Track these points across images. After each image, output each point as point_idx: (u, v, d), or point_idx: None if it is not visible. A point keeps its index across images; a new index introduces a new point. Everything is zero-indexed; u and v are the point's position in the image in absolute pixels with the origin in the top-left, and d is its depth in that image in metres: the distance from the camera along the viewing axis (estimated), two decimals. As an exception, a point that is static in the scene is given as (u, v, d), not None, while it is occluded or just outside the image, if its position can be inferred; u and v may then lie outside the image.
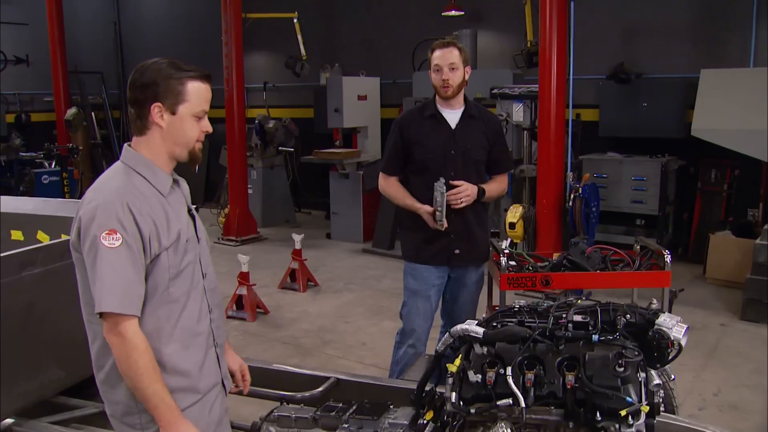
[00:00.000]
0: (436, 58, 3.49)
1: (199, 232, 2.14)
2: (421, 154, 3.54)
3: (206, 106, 2.03)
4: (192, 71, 1.99)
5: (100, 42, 13.05)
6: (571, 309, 2.59)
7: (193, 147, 2.03)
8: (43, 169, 9.67)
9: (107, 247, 1.83)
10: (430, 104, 3.62)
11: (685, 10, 7.62)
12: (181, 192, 2.12)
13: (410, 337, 3.73)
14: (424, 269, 3.66)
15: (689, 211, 7.65)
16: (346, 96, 8.42)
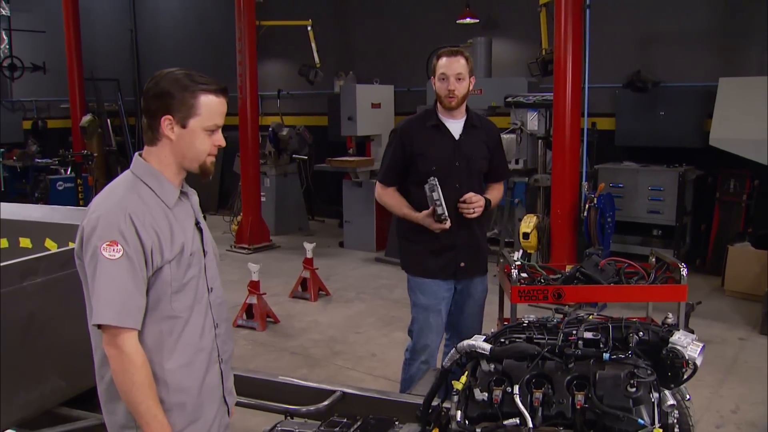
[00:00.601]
0: (443, 67, 3.40)
1: (206, 246, 2.10)
2: (425, 166, 3.43)
3: (219, 120, 1.97)
4: (206, 84, 1.94)
5: (117, 49, 13.14)
6: (581, 325, 2.53)
7: (204, 161, 1.98)
8: (59, 175, 9.73)
9: (107, 259, 1.81)
10: (431, 114, 3.52)
11: (703, 18, 7.52)
12: (189, 204, 2.08)
13: (423, 353, 3.66)
14: (432, 283, 3.56)
15: (707, 222, 7.52)
16: (359, 104, 8.38)
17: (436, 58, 3.45)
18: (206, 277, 2.07)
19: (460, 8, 8.62)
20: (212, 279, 2.10)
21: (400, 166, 3.52)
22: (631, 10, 7.84)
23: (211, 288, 2.09)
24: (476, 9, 8.63)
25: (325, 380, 4.73)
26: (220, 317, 2.14)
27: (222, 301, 2.17)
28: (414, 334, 3.69)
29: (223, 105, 1.98)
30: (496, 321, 4.23)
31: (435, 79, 3.43)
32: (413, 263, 3.61)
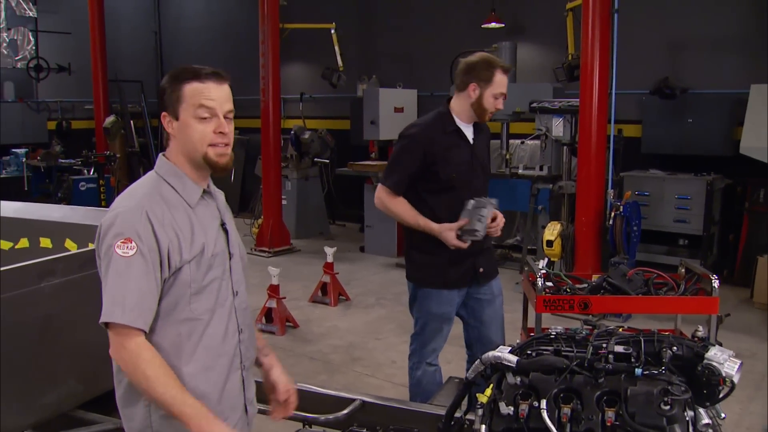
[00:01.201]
0: (500, 84, 3.24)
1: (232, 248, 2.02)
2: (447, 173, 3.28)
3: (207, 103, 1.86)
4: (189, 72, 1.89)
5: (141, 51, 13.22)
6: (611, 338, 2.45)
7: (204, 152, 1.89)
8: (81, 176, 9.78)
9: (120, 256, 1.77)
10: (447, 119, 3.33)
11: (732, 24, 7.38)
12: (215, 204, 2.02)
13: (431, 356, 3.59)
14: (446, 293, 3.43)
15: (735, 232, 7.36)
16: (382, 108, 8.34)
17: (489, 70, 3.23)
18: (231, 279, 2.00)
19: (486, 12, 8.54)
20: (238, 282, 2.03)
21: (415, 174, 3.30)
22: (659, 15, 7.72)
23: (236, 291, 2.02)
24: (502, 13, 8.55)
25: (345, 388, 4.68)
26: (245, 322, 2.06)
27: (247, 305, 2.09)
28: (422, 339, 3.58)
29: (209, 89, 1.87)
30: (519, 330, 4.15)
31: (485, 90, 3.23)
32: (431, 276, 3.42)
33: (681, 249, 7.37)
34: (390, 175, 3.37)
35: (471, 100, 3.25)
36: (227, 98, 1.91)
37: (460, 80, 3.30)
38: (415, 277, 3.50)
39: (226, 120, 1.89)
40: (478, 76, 3.22)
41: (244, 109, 11.29)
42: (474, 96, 3.24)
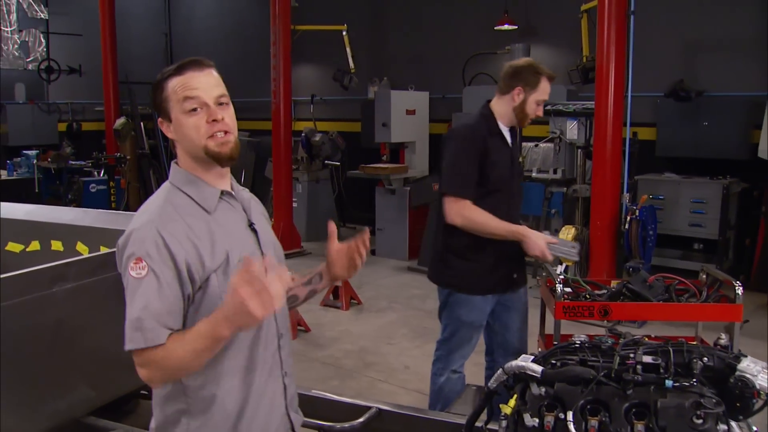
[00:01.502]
0: (544, 91, 3.24)
1: (264, 248, 1.89)
2: (495, 175, 3.25)
3: (191, 93, 1.75)
4: (168, 70, 1.81)
5: (151, 53, 13.18)
6: (639, 348, 2.38)
7: (204, 145, 1.76)
8: (92, 177, 9.76)
9: (134, 278, 1.68)
10: (491, 120, 3.32)
11: (749, 25, 7.28)
12: (239, 204, 1.90)
13: (457, 363, 3.53)
14: (480, 300, 3.39)
15: (752, 236, 7.27)
16: (394, 110, 8.28)
17: (537, 77, 3.23)
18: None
19: (498, 14, 8.48)
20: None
21: (476, 178, 3.23)
22: (674, 16, 7.64)
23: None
24: (514, 15, 8.49)
25: (360, 395, 4.62)
26: (284, 326, 1.93)
27: (286, 308, 1.95)
28: (449, 346, 3.53)
29: (190, 79, 1.77)
30: (537, 337, 4.08)
31: (529, 95, 3.24)
32: (470, 282, 3.37)
33: (696, 253, 7.30)
34: (453, 181, 3.25)
35: (514, 104, 3.26)
36: (215, 84, 1.79)
37: (504, 83, 3.28)
38: (451, 283, 3.42)
39: (219, 107, 1.78)
40: (524, 81, 3.22)
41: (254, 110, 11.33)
42: (518, 100, 3.24)
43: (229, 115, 1.80)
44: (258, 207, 1.99)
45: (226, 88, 1.83)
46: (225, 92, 1.80)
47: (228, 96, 1.81)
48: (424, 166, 8.77)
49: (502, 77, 3.31)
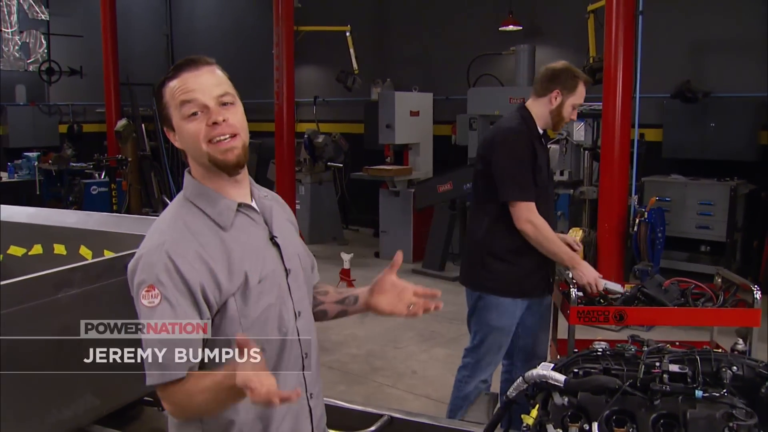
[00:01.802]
0: (581, 95, 3.24)
1: (288, 262, 1.73)
2: (539, 179, 3.23)
3: (187, 96, 1.60)
4: (165, 76, 1.66)
5: (152, 54, 13.12)
6: (664, 356, 2.32)
7: (206, 152, 1.60)
8: (93, 179, 9.69)
9: (146, 308, 1.56)
10: (531, 123, 3.27)
11: (756, 25, 7.19)
12: (261, 216, 1.73)
13: (485, 372, 3.48)
14: (511, 303, 3.34)
15: (759, 238, 7.20)
16: (398, 111, 8.21)
17: (579, 82, 3.23)
18: (292, 299, 1.73)
19: (503, 15, 8.43)
20: (300, 301, 1.76)
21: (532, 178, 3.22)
22: (680, 17, 7.57)
23: (298, 312, 1.75)
24: (519, 16, 8.43)
25: (368, 400, 4.57)
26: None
27: (312, 326, 1.82)
28: (478, 354, 3.48)
29: (185, 81, 1.62)
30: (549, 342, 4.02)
31: (568, 101, 3.22)
32: (508, 285, 3.32)
33: (703, 256, 7.25)
34: (517, 184, 3.18)
35: (551, 107, 3.24)
36: (215, 83, 1.62)
37: (541, 86, 3.26)
38: (484, 286, 3.38)
39: (223, 107, 1.61)
40: (562, 84, 3.20)
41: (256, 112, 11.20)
42: (555, 103, 3.22)
43: (235, 115, 1.63)
44: (283, 213, 1.85)
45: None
46: (229, 90, 1.64)
47: (233, 94, 1.65)
48: (428, 167, 8.70)
49: (539, 79, 3.30)
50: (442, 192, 7.42)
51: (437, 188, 7.48)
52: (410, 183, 8.41)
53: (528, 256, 3.25)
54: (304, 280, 1.80)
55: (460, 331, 6.05)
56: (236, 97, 1.66)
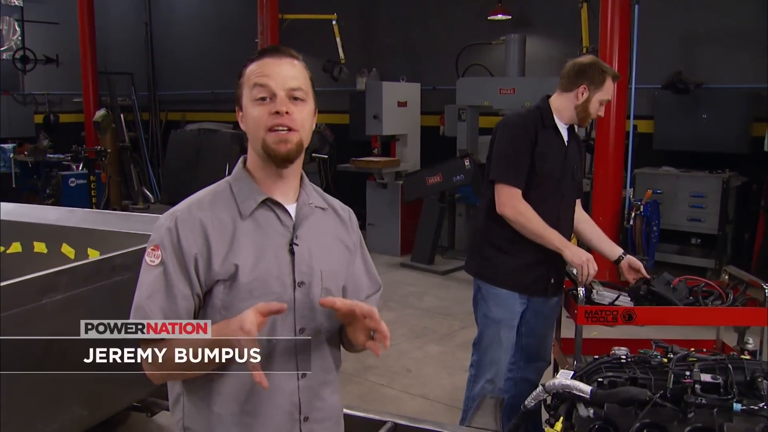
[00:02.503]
0: (609, 91, 3.12)
1: (299, 274, 1.65)
2: (542, 169, 3.13)
3: (261, 80, 1.59)
4: (251, 56, 1.66)
5: (131, 42, 12.83)
6: (694, 364, 2.22)
7: (262, 138, 1.59)
8: (71, 171, 9.44)
9: (147, 264, 1.61)
10: (546, 113, 3.18)
11: (749, 16, 7.15)
12: (291, 220, 1.67)
13: (489, 370, 3.36)
14: (509, 295, 3.25)
15: (751, 231, 7.17)
16: (385, 102, 8.04)
17: (606, 77, 3.11)
18: (294, 314, 1.64)
19: (492, 4, 8.29)
20: (305, 318, 1.66)
21: (527, 166, 3.13)
22: (673, 6, 7.46)
23: (300, 329, 1.66)
24: (508, 5, 8.31)
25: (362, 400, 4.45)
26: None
27: (322, 345, 1.72)
28: (480, 349, 3.39)
29: (265, 65, 1.61)
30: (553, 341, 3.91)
31: (596, 96, 3.12)
32: (504, 275, 3.25)
33: (693, 248, 7.20)
34: (507, 167, 3.13)
35: (577, 102, 3.14)
36: (291, 75, 1.61)
37: (568, 81, 3.16)
38: (481, 274, 3.32)
39: (292, 101, 1.60)
40: (590, 79, 3.10)
41: (240, 102, 11.07)
42: (581, 98, 3.12)
43: (301, 112, 1.61)
44: (332, 227, 1.76)
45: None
46: (303, 87, 1.62)
47: (307, 92, 1.63)
48: (416, 159, 8.55)
49: (565, 74, 3.19)
50: (431, 184, 7.29)
51: (426, 180, 7.35)
52: (398, 175, 8.27)
53: (527, 248, 3.16)
54: (318, 296, 1.67)
55: (452, 327, 5.95)
56: (309, 96, 1.65)
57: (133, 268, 2.99)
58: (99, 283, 2.90)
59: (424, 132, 8.69)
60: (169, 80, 12.69)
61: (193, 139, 11.39)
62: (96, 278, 2.90)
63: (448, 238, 8.15)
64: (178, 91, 12.45)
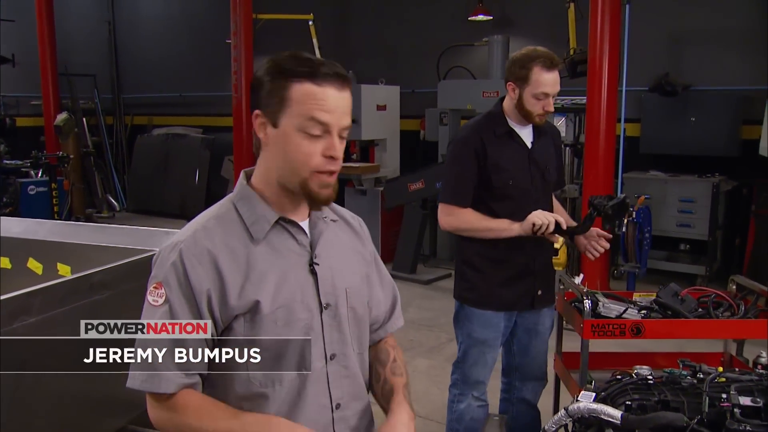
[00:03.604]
0: (546, 84, 2.83)
1: (324, 296, 1.52)
2: (501, 180, 2.94)
3: (323, 117, 1.41)
4: (307, 67, 1.42)
5: (93, 42, 12.40)
6: (730, 385, 2.07)
7: (304, 178, 1.44)
8: (30, 179, 9.00)
9: (149, 305, 1.45)
10: (498, 119, 2.98)
11: (738, 17, 7.07)
12: (307, 238, 1.55)
13: (476, 389, 3.20)
14: (494, 316, 3.07)
15: (741, 236, 7.07)
16: (364, 105, 7.79)
17: (531, 68, 2.85)
18: (323, 339, 1.52)
19: (472, 4, 8.11)
20: (335, 343, 1.54)
21: (474, 182, 2.96)
22: (659, 7, 7.34)
23: (331, 355, 1.53)
24: (490, 5, 8.14)
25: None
26: (345, 394, 1.56)
27: (352, 372, 1.59)
28: (464, 368, 3.21)
29: (328, 97, 1.41)
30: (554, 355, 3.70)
31: (526, 92, 2.87)
32: (478, 293, 3.07)
33: (682, 254, 7.09)
34: (448, 188, 3.03)
35: (513, 101, 2.92)
36: (347, 111, 1.46)
37: (504, 79, 2.98)
38: (462, 296, 3.14)
39: (339, 140, 1.46)
40: (514, 75, 2.88)
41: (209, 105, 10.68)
42: (514, 96, 2.91)
43: (342, 151, 1.49)
44: (347, 239, 1.65)
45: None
46: (351, 123, 1.50)
47: (351, 127, 1.51)
48: (396, 164, 8.32)
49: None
50: (413, 191, 7.06)
51: (408, 187, 7.11)
52: (377, 181, 8.02)
53: (504, 264, 3.02)
54: (351, 321, 1.58)
55: (439, 339, 5.71)
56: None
57: (113, 286, 2.72)
58: (76, 303, 2.62)
59: (404, 136, 8.48)
60: (135, 82, 12.27)
61: (161, 144, 11.09)
62: (72, 298, 2.62)
63: (430, 246, 7.93)
64: (145, 93, 12.05)
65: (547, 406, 3.44)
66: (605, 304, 3.20)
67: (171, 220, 10.16)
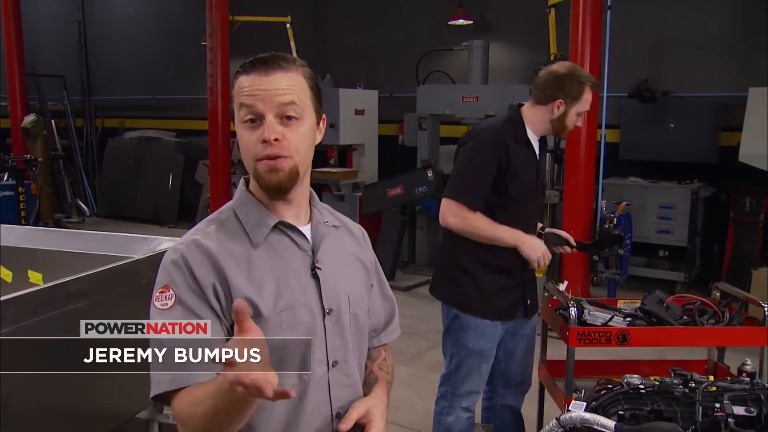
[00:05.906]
0: (588, 102, 2.89)
1: (327, 301, 1.50)
2: (516, 188, 2.90)
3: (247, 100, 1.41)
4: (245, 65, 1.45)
5: (62, 42, 12.22)
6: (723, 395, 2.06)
7: (253, 167, 1.44)
8: (-4, 183, 8.79)
9: (159, 310, 1.41)
10: (519, 126, 2.93)
11: (717, 24, 7.12)
12: (308, 243, 1.54)
13: (466, 400, 3.15)
14: (490, 325, 3.02)
15: (719, 243, 7.10)
16: (342, 110, 7.71)
17: (581, 86, 2.88)
18: (326, 345, 1.50)
19: (452, 8, 8.06)
20: (337, 349, 1.52)
21: (489, 186, 2.90)
22: (639, 14, 7.37)
23: (333, 362, 1.51)
24: (470, 10, 8.10)
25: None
26: (343, 402, 1.52)
27: (353, 380, 1.56)
28: (456, 380, 3.14)
29: (252, 83, 1.41)
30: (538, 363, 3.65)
31: (573, 109, 2.89)
32: (478, 303, 3.02)
33: (661, 261, 7.10)
34: (461, 187, 2.92)
35: (552, 116, 2.90)
36: (283, 91, 1.42)
37: (543, 92, 2.91)
38: (459, 303, 3.05)
39: (285, 121, 1.42)
40: (566, 92, 2.86)
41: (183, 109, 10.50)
42: (557, 113, 2.90)
43: (295, 134, 1.43)
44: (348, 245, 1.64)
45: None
46: (297, 101, 1.43)
47: (304, 106, 1.44)
48: (374, 170, 8.25)
49: (539, 85, 2.95)
50: (392, 196, 6.98)
51: (387, 192, 7.03)
52: (355, 186, 7.93)
53: (496, 269, 3.00)
54: (353, 327, 1.56)
55: (420, 346, 5.63)
56: (306, 111, 1.46)
57: (91, 294, 2.61)
58: (51, 312, 2.55)
59: (382, 141, 8.42)
60: (106, 84, 12.07)
61: (133, 147, 10.93)
62: (47, 308, 2.55)
63: (408, 253, 7.85)
64: (116, 95, 11.86)
65: (530, 414, 3.41)
66: (591, 311, 3.15)
67: (143, 226, 9.99)
